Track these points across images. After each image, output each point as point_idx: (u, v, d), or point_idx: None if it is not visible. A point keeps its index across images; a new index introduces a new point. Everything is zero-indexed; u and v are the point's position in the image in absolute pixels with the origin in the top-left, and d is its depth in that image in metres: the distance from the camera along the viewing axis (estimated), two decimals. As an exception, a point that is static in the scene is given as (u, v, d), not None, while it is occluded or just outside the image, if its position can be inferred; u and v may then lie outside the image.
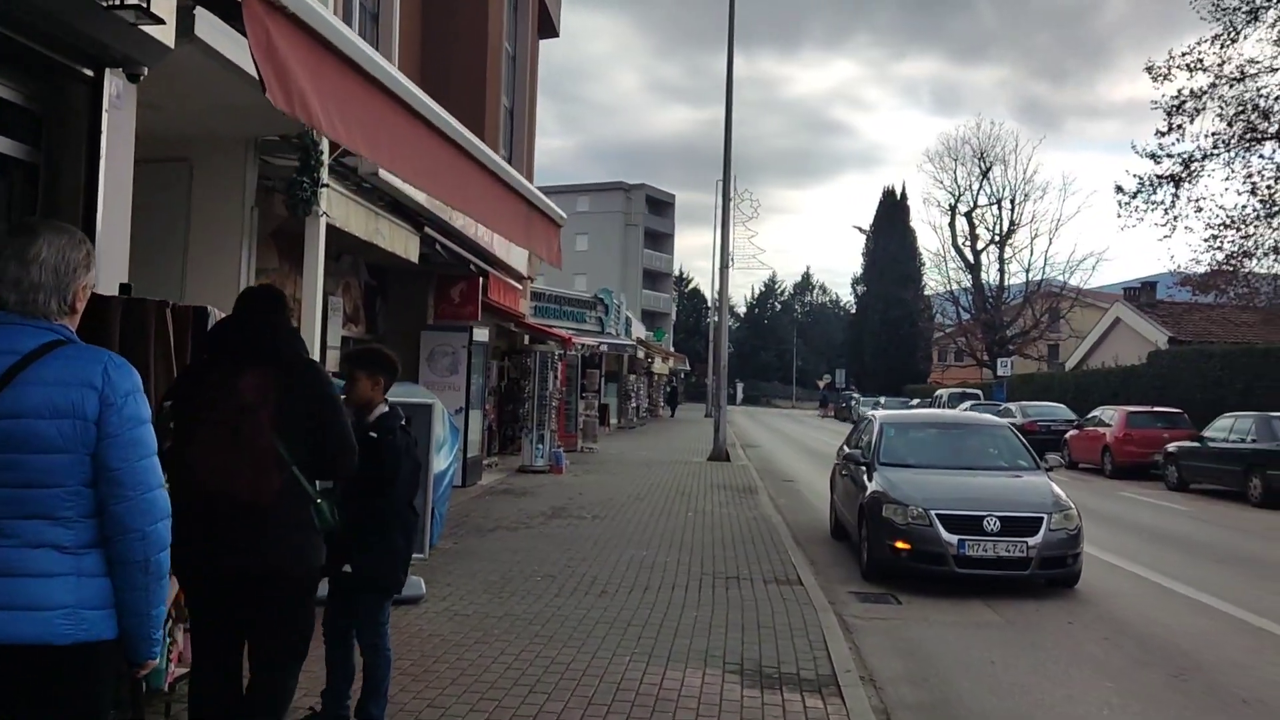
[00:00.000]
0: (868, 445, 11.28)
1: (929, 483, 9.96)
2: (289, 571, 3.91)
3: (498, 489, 16.17)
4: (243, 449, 3.84)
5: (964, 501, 9.45)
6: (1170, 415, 24.11)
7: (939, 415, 14.45)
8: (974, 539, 9.04)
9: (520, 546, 10.75)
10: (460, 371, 15.94)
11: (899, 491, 9.73)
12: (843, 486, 11.84)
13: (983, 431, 11.78)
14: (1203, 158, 27.85)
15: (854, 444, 12.31)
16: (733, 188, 25.15)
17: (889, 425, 11.53)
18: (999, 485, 10.14)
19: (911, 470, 10.37)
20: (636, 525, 12.67)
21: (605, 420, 33.47)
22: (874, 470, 10.47)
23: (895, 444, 11.06)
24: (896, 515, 9.44)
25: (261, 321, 4.10)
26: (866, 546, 9.88)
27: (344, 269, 14.38)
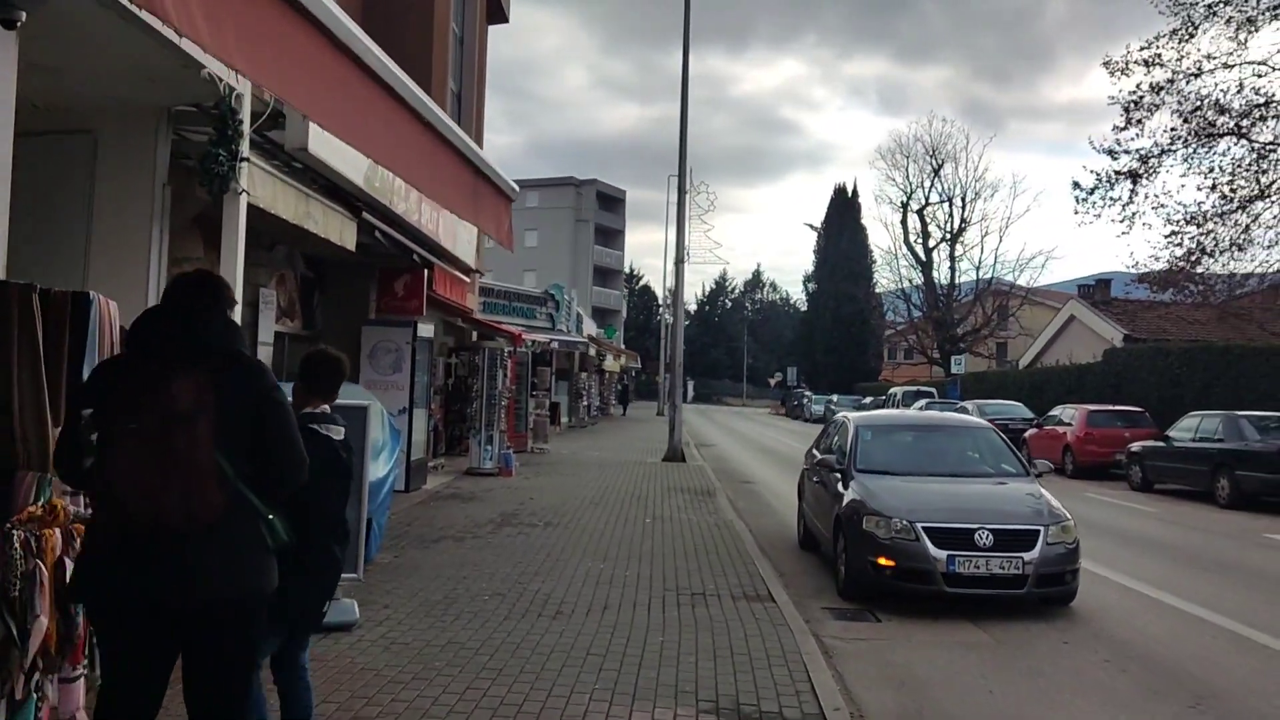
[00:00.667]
0: (841, 450, 10.56)
1: (912, 492, 9.21)
2: (240, 600, 3.46)
3: (444, 493, 15.29)
4: (178, 465, 3.32)
5: (952, 513, 8.69)
6: (1131, 414, 23.79)
7: (918, 417, 13.61)
8: (965, 555, 8.30)
9: (467, 559, 9.91)
10: (404, 369, 15.04)
11: (879, 501, 8.98)
12: (814, 494, 11.14)
13: (966, 434, 11.08)
14: (1160, 153, 27.59)
15: (825, 448, 11.56)
16: (688, 180, 24.41)
17: (865, 428, 10.73)
18: (988, 494, 9.42)
19: (892, 478, 9.60)
20: (592, 533, 11.88)
21: (556, 419, 32.61)
22: (850, 477, 9.72)
23: (872, 448, 10.25)
24: (878, 528, 8.67)
25: (197, 314, 3.56)
26: (844, 561, 9.12)
27: (278, 259, 13.43)
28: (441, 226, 13.25)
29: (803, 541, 11.97)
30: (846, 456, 10.18)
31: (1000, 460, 10.35)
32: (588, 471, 19.82)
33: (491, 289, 31.36)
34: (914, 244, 61.01)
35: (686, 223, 24.18)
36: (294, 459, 3.65)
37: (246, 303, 12.19)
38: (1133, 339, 34.73)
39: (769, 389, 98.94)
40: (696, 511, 14.39)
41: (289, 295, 13.95)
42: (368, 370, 15.06)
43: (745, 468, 24.44)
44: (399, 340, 15.08)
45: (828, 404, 56.83)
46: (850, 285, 72.47)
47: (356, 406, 7.26)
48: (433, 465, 18.17)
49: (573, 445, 27.60)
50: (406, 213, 11.23)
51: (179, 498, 3.30)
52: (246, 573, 3.48)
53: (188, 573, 3.32)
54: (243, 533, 3.46)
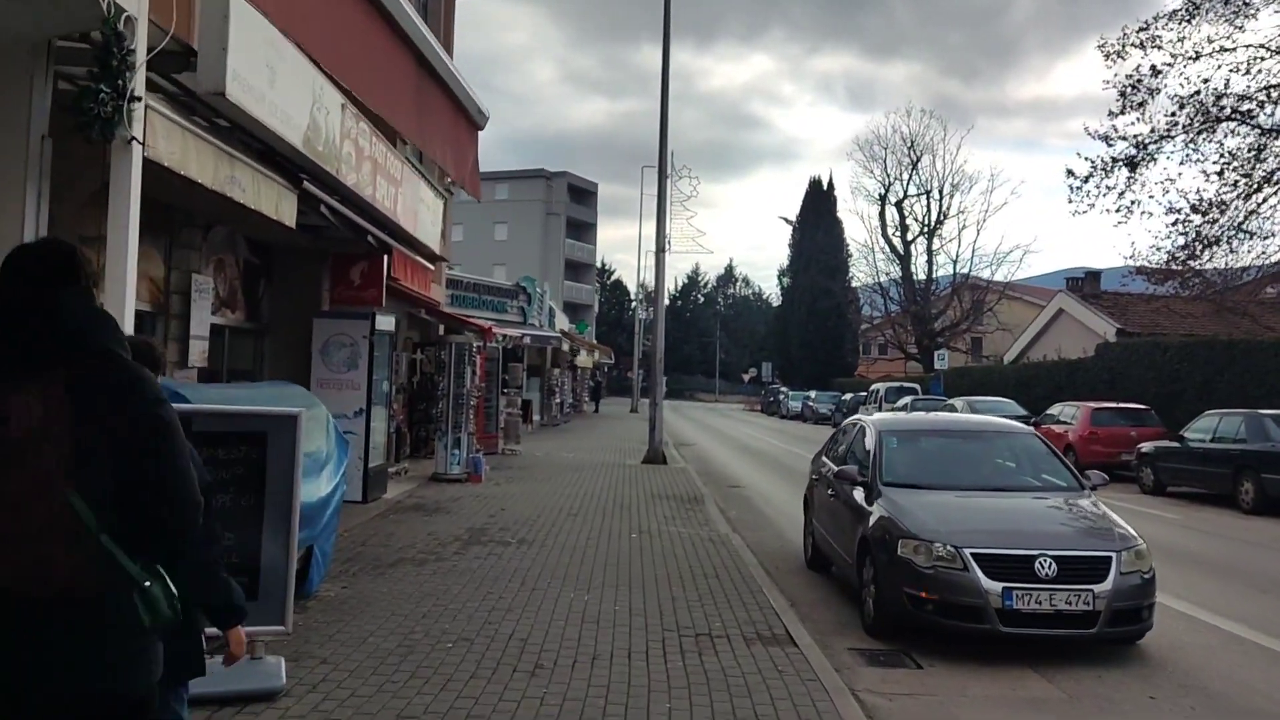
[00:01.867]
0: (862, 459, 9.18)
1: (953, 510, 7.86)
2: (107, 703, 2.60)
3: (405, 504, 13.79)
4: (14, 513, 2.53)
5: (1005, 536, 7.35)
6: (1137, 412, 22.63)
7: (949, 421, 11.90)
8: (1024, 588, 6.92)
9: (428, 590, 8.44)
10: (360, 366, 13.54)
11: (916, 522, 7.59)
12: (829, 510, 9.70)
13: (1004, 440, 9.62)
14: (1159, 139, 26.46)
15: (839, 456, 10.15)
16: (670, 165, 22.98)
17: (889, 434, 9.30)
18: (1043, 512, 8.03)
19: (926, 493, 8.22)
20: (572, 553, 10.44)
21: (528, 417, 31.10)
22: (876, 492, 8.34)
23: (900, 458, 8.87)
24: (917, 555, 7.30)
25: (42, 299, 2.66)
26: (873, 593, 7.74)
27: (216, 242, 11.89)
28: (401, 205, 11.74)
29: (811, 561, 10.60)
30: (870, 467, 8.76)
31: (1047, 470, 8.97)
32: (563, 476, 18.37)
33: (460, 281, 29.81)
34: (892, 237, 60.07)
35: (668, 208, 22.74)
36: (184, 502, 2.72)
37: (177, 291, 10.71)
38: (1126, 333, 33.64)
39: (742, 385, 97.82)
40: (686, 523, 12.98)
41: (230, 283, 12.42)
42: (320, 367, 13.55)
43: (730, 470, 23.06)
44: (355, 334, 13.57)
45: (805, 400, 55.69)
46: (826, 279, 71.41)
47: (280, 416, 5.78)
48: (395, 471, 16.66)
49: (546, 445, 26.12)
50: (358, 186, 9.72)
51: (20, 555, 2.50)
52: (120, 666, 2.61)
53: (22, 667, 2.51)
54: (108, 609, 2.58)
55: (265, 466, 5.63)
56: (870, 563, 7.86)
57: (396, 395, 17.44)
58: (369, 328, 13.55)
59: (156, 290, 10.38)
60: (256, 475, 5.62)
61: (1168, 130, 26.76)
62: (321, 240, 13.02)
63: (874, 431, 9.36)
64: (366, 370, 13.56)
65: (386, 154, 10.82)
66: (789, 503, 16.60)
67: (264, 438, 5.62)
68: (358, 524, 11.76)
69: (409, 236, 12.64)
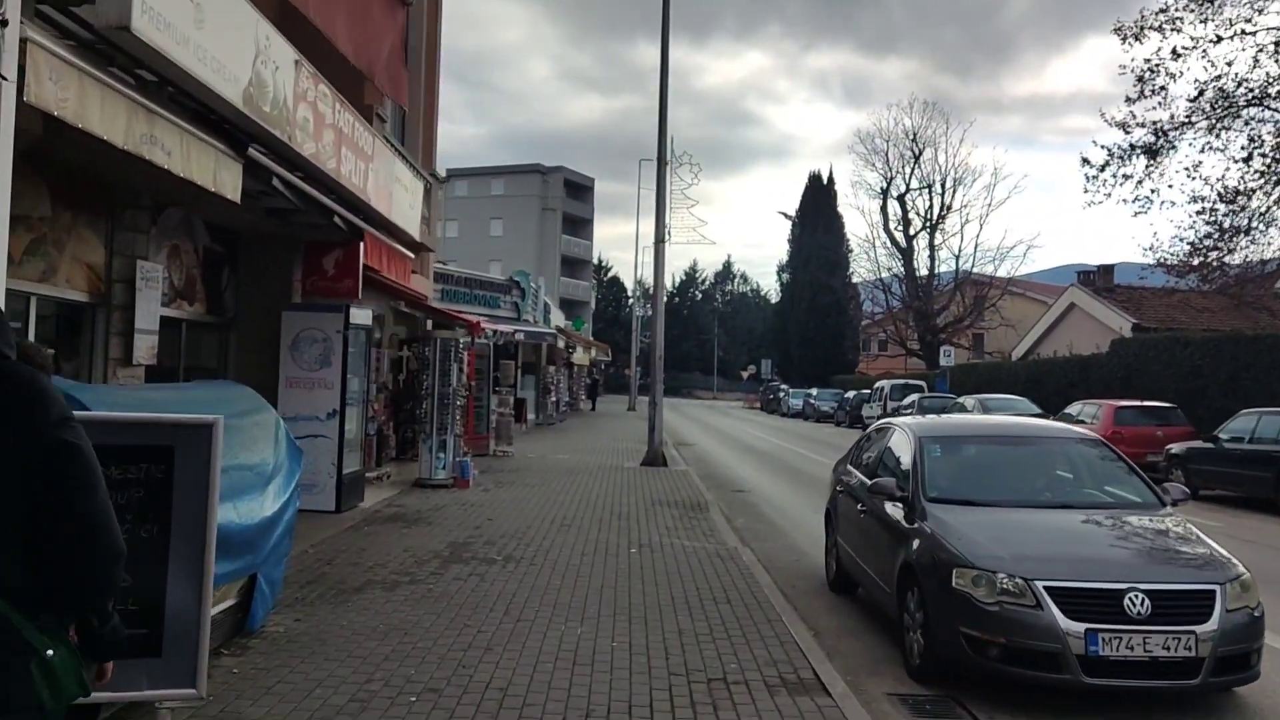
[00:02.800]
0: (898, 469, 8.01)
1: (1016, 531, 6.67)
2: None
3: (384, 513, 12.62)
4: None
5: (1085, 565, 6.15)
6: (1162, 410, 21.48)
7: (996, 425, 10.22)
8: (1112, 630, 5.69)
9: (396, 622, 7.28)
10: (334, 363, 12.39)
11: (972, 547, 6.39)
12: (859, 528, 8.47)
13: (1063, 447, 8.33)
14: (1179, 126, 25.33)
15: (868, 465, 8.98)
16: (669, 151, 21.79)
17: (931, 440, 8.00)
18: (1125, 536, 6.76)
19: (980, 510, 7.03)
20: (563, 572, 9.28)
21: (522, 417, 29.93)
22: (920, 510, 7.14)
23: (945, 469, 7.66)
24: (976, 588, 6.10)
25: None
26: (920, 631, 6.54)
27: (169, 227, 10.74)
28: (373, 183, 10.57)
29: (834, 583, 9.43)
30: (910, 479, 7.52)
31: (1116, 482, 7.73)
32: (557, 480, 17.20)
33: (450, 275, 28.67)
34: (894, 231, 58.94)
35: (667, 196, 21.56)
36: (98, 547, 2.26)
37: (120, 279, 9.54)
38: (1142, 328, 32.47)
39: (740, 382, 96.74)
40: (690, 534, 11.84)
41: (186, 272, 11.27)
42: (290, 365, 12.40)
43: (733, 472, 21.90)
44: (328, 328, 12.41)
45: (806, 398, 54.54)
46: (826, 275, 70.27)
47: (191, 425, 4.60)
48: (376, 476, 15.51)
49: (540, 446, 24.95)
50: (318, 158, 8.54)
51: None
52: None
53: None
54: None
55: (171, 488, 4.48)
56: (916, 595, 6.65)
57: (377, 394, 16.29)
58: (343, 321, 12.40)
59: (95, 279, 9.21)
60: (160, 499, 4.47)
61: (1187, 117, 25.69)
62: (291, 226, 11.87)
63: (912, 438, 8.08)
64: (341, 368, 12.40)
65: (354, 124, 9.65)
66: (799, 509, 15.49)
67: (169, 452, 4.47)
68: (326, 538, 10.61)
69: (384, 220, 11.46)
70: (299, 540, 10.28)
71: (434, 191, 16.72)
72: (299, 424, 12.31)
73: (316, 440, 12.29)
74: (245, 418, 6.58)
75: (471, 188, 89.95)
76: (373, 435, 15.40)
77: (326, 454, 12.29)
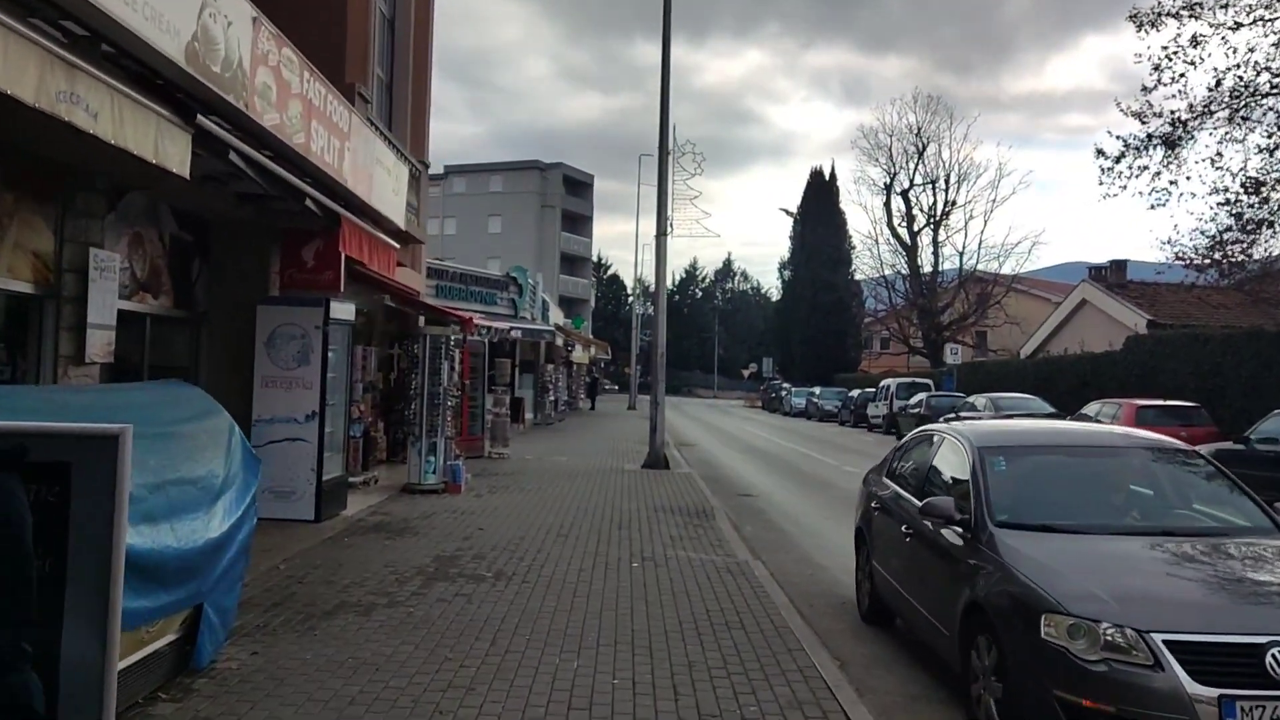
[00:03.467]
0: (949, 485, 6.94)
1: (1114, 565, 5.49)
2: None
3: (367, 522, 11.75)
4: None
5: (1212, 613, 5.00)
6: (1185, 410, 20.61)
7: (1067, 432, 8.51)
8: (1253, 697, 4.54)
9: (367, 655, 6.41)
10: (313, 361, 11.52)
11: (1062, 586, 5.17)
12: (903, 553, 7.29)
13: (1153, 459, 6.98)
14: (1198, 115, 24.43)
15: (907, 477, 7.91)
16: (671, 139, 20.89)
17: (992, 450, 6.73)
18: (1254, 572, 5.52)
19: (1063, 539, 5.86)
20: (559, 591, 8.42)
21: (520, 417, 29.06)
22: (986, 536, 5.95)
23: (1013, 485, 6.47)
24: (1074, 640, 4.87)
25: None
26: (995, 689, 5.30)
27: (132, 213, 9.89)
28: (349, 164, 9.69)
29: (869, 613, 8.23)
30: (971, 499, 6.31)
31: (1220, 503, 6.54)
32: (554, 485, 16.33)
33: (445, 270, 27.81)
34: (898, 227, 58.07)
35: (669, 187, 20.67)
36: None
37: (71, 269, 8.65)
38: (1158, 325, 31.59)
39: (741, 380, 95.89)
40: (696, 544, 10.98)
41: (150, 263, 10.41)
42: (265, 363, 11.54)
43: (737, 474, 21.04)
44: (306, 323, 11.55)
45: (809, 397, 53.68)
46: (828, 272, 69.45)
47: (91, 437, 3.73)
48: (363, 480, 14.64)
49: (537, 447, 24.08)
50: (282, 130, 7.65)
51: None
52: None
53: None
54: None
55: (67, 513, 3.61)
56: (990, 645, 5.41)
57: (364, 394, 15.44)
58: (322, 316, 11.54)
59: (43, 268, 8.34)
60: (53, 528, 3.60)
61: (1205, 106, 24.81)
62: (267, 214, 11.03)
63: (968, 447, 6.85)
64: (320, 366, 11.53)
65: (327, 96, 8.78)
66: (809, 516, 14.64)
67: (65, 470, 3.60)
68: (301, 551, 9.75)
69: (364, 205, 10.58)
70: (270, 554, 9.45)
71: (423, 180, 15.86)
72: (275, 426, 11.48)
73: (294, 444, 11.44)
74: (190, 423, 5.73)
75: (470, 184, 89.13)
76: (358, 437, 14.54)
77: (305, 459, 11.43)
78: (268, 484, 11.41)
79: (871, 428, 39.35)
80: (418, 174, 15.17)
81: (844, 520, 14.06)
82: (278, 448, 11.42)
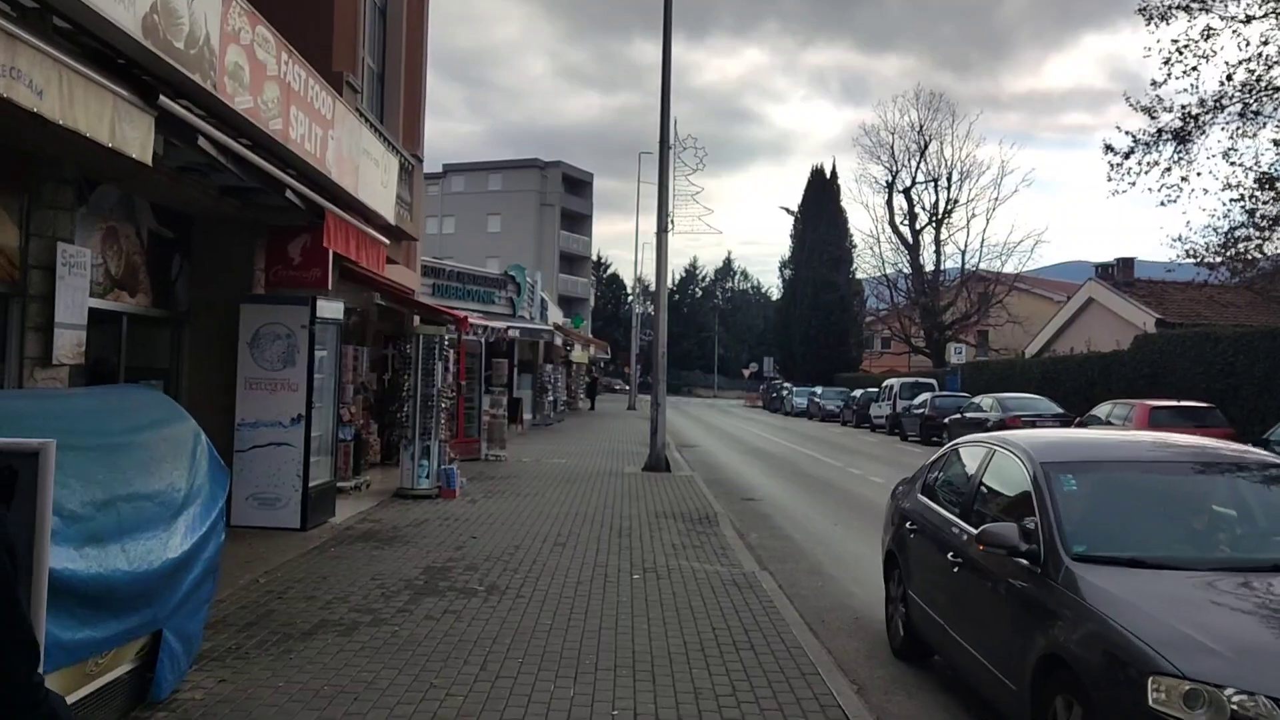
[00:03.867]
0: (1006, 507, 5.89)
1: (1229, 610, 4.54)
2: None
3: (355, 530, 11.25)
4: None
5: None
6: (1200, 411, 20.10)
7: (1141, 444, 6.97)
8: None
9: (346, 682, 5.91)
10: (298, 362, 11.02)
11: (1169, 637, 4.21)
12: (950, 586, 6.24)
13: (1253, 476, 5.94)
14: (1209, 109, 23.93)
15: (949, 494, 6.96)
16: (673, 134, 20.40)
17: (1058, 468, 5.67)
18: None
19: (1160, 577, 4.82)
20: (554, 607, 7.92)
21: (518, 417, 28.56)
22: (1064, 572, 4.89)
23: (1086, 509, 5.47)
24: (1193, 709, 3.94)
25: None
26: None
27: (105, 207, 9.41)
28: (333, 153, 9.18)
29: (903, 648, 7.21)
30: (1039, 525, 5.26)
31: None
32: (551, 489, 15.83)
33: (442, 269, 27.37)
34: (900, 226, 57.51)
35: (670, 182, 20.17)
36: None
37: (38, 265, 8.13)
38: (1167, 324, 31.08)
39: (741, 380, 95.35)
40: (699, 553, 10.48)
41: (126, 259, 9.91)
42: (249, 364, 11.04)
43: (741, 477, 20.52)
44: (291, 323, 11.05)
45: (811, 396, 53.18)
46: (829, 271, 68.89)
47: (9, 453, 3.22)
48: (354, 485, 14.15)
49: (535, 449, 23.58)
50: (256, 115, 7.13)
51: None
52: None
53: None
54: None
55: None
56: (1071, 704, 4.45)
57: (355, 396, 14.94)
58: (308, 315, 11.04)
59: (7, 264, 7.84)
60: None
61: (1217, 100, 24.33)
62: (251, 208, 10.54)
63: (1029, 462, 5.79)
64: (307, 367, 11.04)
65: (308, 80, 8.26)
66: (816, 521, 14.15)
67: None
68: (284, 563, 9.25)
69: (350, 198, 10.07)
70: (250, 566, 8.96)
71: (416, 174, 15.35)
72: (260, 430, 10.99)
73: (279, 449, 10.95)
74: (148, 432, 5.23)
75: (469, 183, 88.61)
76: (348, 441, 14.05)
77: (291, 464, 10.93)
78: (251, 491, 10.99)
79: (875, 428, 38.85)
80: (410, 167, 14.66)
81: (852, 526, 13.60)
82: (262, 452, 10.93)
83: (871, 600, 9.09)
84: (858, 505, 15.63)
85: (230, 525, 10.79)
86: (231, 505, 10.97)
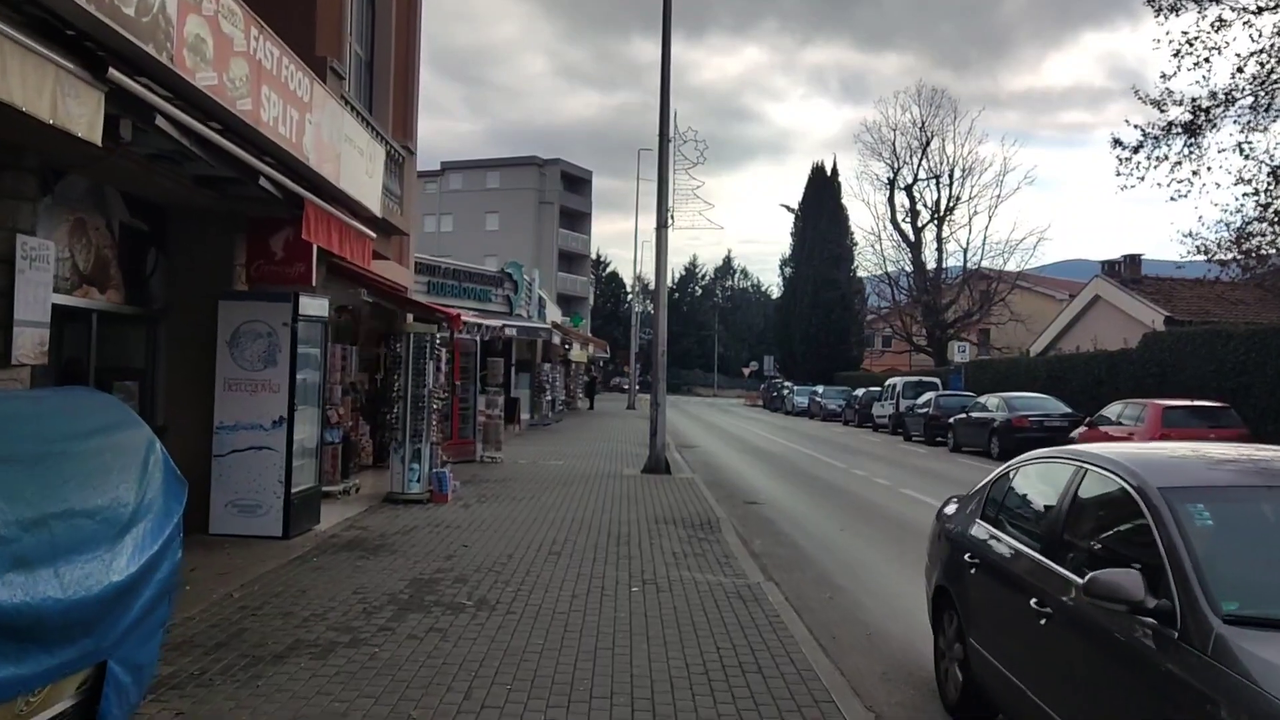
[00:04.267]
0: (1124, 547, 4.51)
1: None
2: None
3: (341, 539, 10.73)
4: None
5: None
6: (1214, 410, 19.56)
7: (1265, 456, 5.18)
8: None
9: (314, 713, 5.37)
10: (280, 362, 10.50)
11: None
12: (1031, 640, 4.92)
13: None
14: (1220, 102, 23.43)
15: (1019, 522, 5.72)
16: (673, 127, 19.87)
17: (1183, 495, 4.39)
18: None
19: None
20: (548, 625, 7.39)
21: (515, 418, 28.05)
22: (1213, 637, 3.63)
23: (1230, 551, 4.22)
24: None
25: None
26: None
27: (73, 197, 8.89)
28: (312, 138, 8.64)
29: (960, 705, 5.94)
30: (1170, 574, 3.98)
31: None
32: (548, 492, 15.31)
33: (437, 266, 26.86)
34: (901, 223, 56.98)
35: (670, 175, 19.65)
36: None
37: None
38: (1175, 321, 30.56)
39: (741, 379, 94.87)
40: (701, 562, 9.97)
41: (96, 253, 9.39)
42: (228, 364, 10.52)
43: (742, 479, 19.99)
44: (273, 320, 10.53)
45: (812, 395, 52.67)
46: (830, 269, 68.35)
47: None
48: (342, 489, 13.63)
49: (532, 450, 23.06)
50: (221, 93, 6.59)
51: None
52: None
53: None
54: None
55: None
56: None
57: (344, 396, 14.42)
58: (290, 312, 10.52)
59: (-39, 257, 7.33)
60: None
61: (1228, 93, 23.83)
62: (230, 199, 9.99)
63: (1140, 486, 4.51)
64: (289, 367, 10.51)
65: (281, 59, 7.72)
66: (822, 526, 13.64)
67: None
68: (262, 575, 8.72)
69: (332, 188, 9.54)
70: (225, 579, 8.44)
71: (407, 166, 14.82)
72: (239, 433, 10.46)
73: (260, 453, 10.43)
74: (91, 439, 4.70)
75: (467, 181, 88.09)
76: (336, 443, 13.52)
77: (272, 469, 10.41)
78: (231, 497, 10.47)
79: (877, 428, 38.34)
80: (400, 159, 14.13)
81: (860, 532, 13.09)
82: (241, 457, 10.42)
83: (882, 613, 8.62)
84: (864, 509, 15.12)
85: (208, 534, 10.39)
86: (209, 512, 10.54)
